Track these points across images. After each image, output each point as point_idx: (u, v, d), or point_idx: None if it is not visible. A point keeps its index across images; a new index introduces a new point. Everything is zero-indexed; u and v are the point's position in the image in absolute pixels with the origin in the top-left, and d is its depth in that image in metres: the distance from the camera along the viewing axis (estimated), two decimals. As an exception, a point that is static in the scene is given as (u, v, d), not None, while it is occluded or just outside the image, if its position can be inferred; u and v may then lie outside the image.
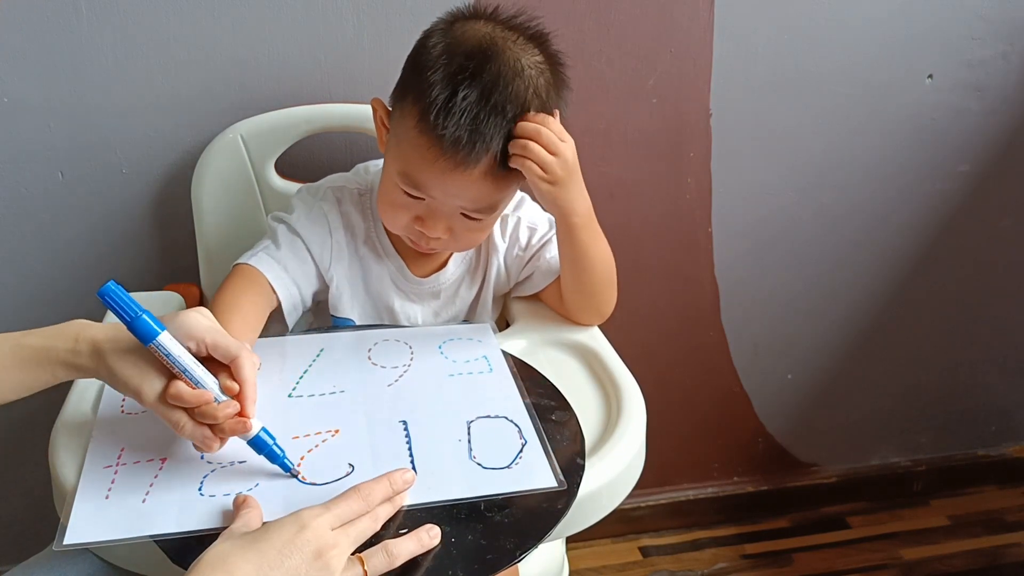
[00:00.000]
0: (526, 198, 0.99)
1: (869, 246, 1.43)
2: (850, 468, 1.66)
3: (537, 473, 0.72)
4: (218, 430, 0.69)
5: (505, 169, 0.82)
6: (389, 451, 0.74)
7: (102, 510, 0.68)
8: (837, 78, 1.27)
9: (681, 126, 1.26)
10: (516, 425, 0.78)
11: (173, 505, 0.68)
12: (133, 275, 1.16)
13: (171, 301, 1.03)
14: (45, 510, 0.84)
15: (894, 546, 1.59)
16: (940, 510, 1.68)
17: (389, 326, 0.95)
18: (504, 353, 0.88)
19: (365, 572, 0.62)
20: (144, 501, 0.68)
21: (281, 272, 0.90)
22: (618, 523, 1.56)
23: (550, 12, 1.14)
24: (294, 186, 1.07)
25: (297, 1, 1.06)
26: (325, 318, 0.97)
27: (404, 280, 0.96)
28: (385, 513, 0.67)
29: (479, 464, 0.73)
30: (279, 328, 0.93)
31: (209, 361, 0.71)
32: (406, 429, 0.77)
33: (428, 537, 0.65)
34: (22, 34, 1.01)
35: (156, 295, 1.05)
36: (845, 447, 1.64)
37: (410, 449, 0.74)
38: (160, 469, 0.72)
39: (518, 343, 0.93)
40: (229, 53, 1.07)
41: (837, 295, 1.47)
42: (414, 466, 0.72)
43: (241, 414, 0.70)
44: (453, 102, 0.78)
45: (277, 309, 0.91)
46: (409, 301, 0.96)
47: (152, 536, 0.66)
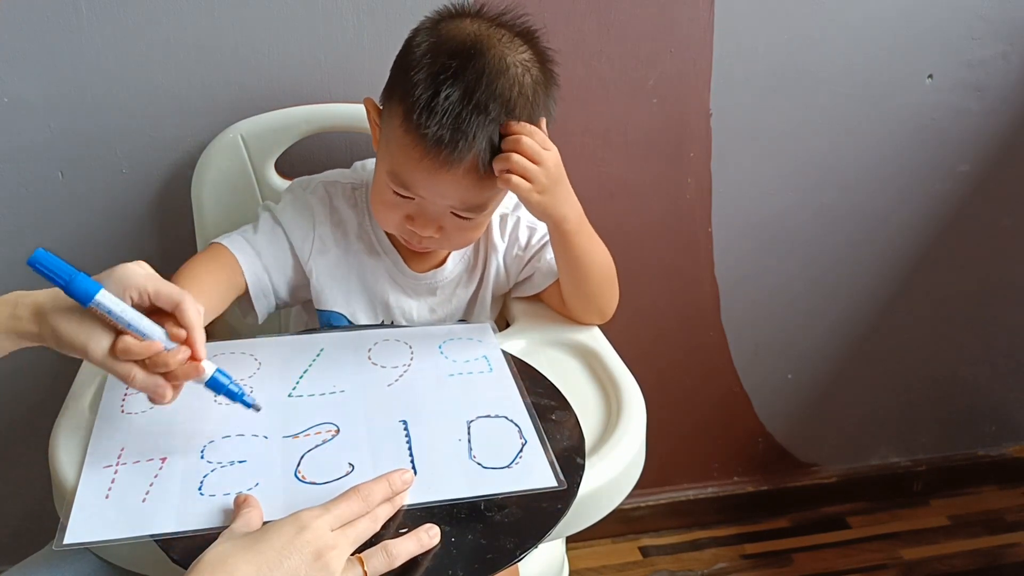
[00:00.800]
0: None
1: (869, 246, 1.43)
2: (850, 468, 1.66)
3: (537, 473, 0.72)
4: (171, 376, 0.69)
5: (492, 171, 0.82)
6: (389, 451, 0.74)
7: (102, 510, 0.68)
8: (837, 78, 1.27)
9: (681, 126, 1.26)
10: (516, 425, 0.78)
11: (173, 505, 0.68)
12: (133, 275, 1.16)
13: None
14: (44, 510, 0.84)
15: (894, 546, 1.59)
16: (940, 510, 1.68)
17: (388, 326, 0.95)
18: (504, 353, 0.88)
19: (365, 573, 0.62)
20: (144, 501, 0.68)
21: (253, 256, 0.90)
22: (618, 523, 1.56)
23: (550, 12, 1.14)
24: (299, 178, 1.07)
25: (297, 1, 1.06)
26: (316, 317, 0.97)
27: (401, 275, 0.96)
28: (385, 513, 0.67)
29: (479, 464, 0.73)
30: (252, 318, 0.93)
31: (153, 312, 0.71)
32: (406, 429, 0.77)
33: (428, 537, 0.65)
34: (22, 34, 1.01)
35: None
36: (845, 447, 1.64)
37: (410, 449, 0.74)
38: (160, 469, 0.72)
39: (518, 343, 0.93)
40: (229, 53, 1.07)
41: (837, 295, 1.47)
42: (414, 466, 0.72)
43: (193, 358, 0.70)
44: (436, 101, 0.78)
45: (247, 296, 0.91)
46: (406, 296, 0.96)
47: (152, 536, 0.66)
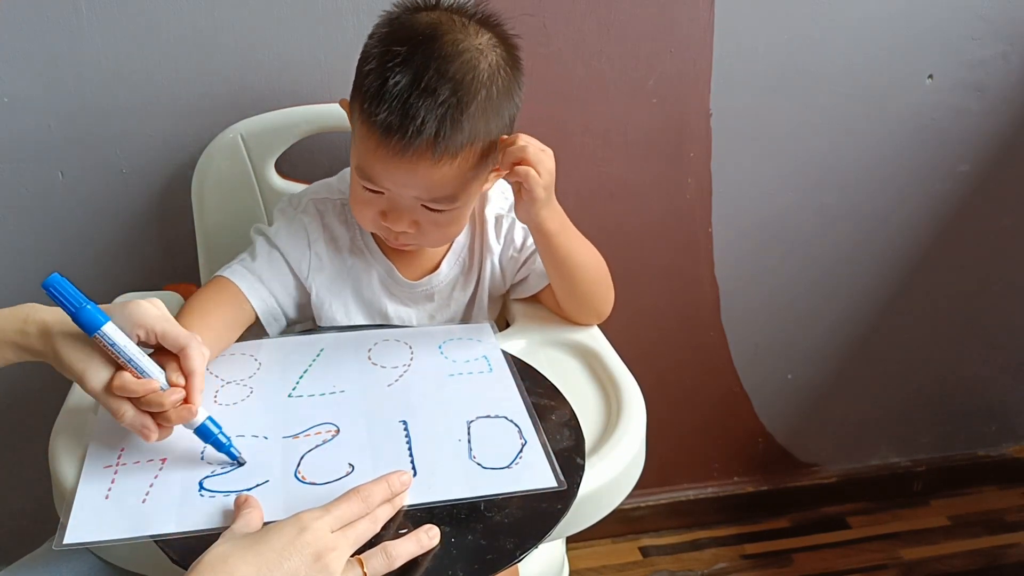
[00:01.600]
0: None
1: (869, 246, 1.43)
2: (850, 468, 1.66)
3: (537, 473, 0.72)
4: (161, 418, 0.70)
5: (451, 156, 0.81)
6: (389, 451, 0.74)
7: (102, 510, 0.68)
8: (837, 78, 1.27)
9: (681, 126, 1.26)
10: (516, 425, 0.78)
11: (173, 505, 0.68)
12: (133, 275, 1.16)
13: (171, 301, 1.03)
14: (44, 509, 0.84)
15: (894, 546, 1.59)
16: (940, 510, 1.68)
17: (389, 326, 0.95)
18: (504, 353, 0.88)
19: (365, 574, 0.62)
20: (144, 501, 0.69)
21: (255, 282, 0.90)
22: (618, 523, 1.56)
23: (550, 12, 1.14)
24: (294, 186, 1.07)
25: (297, 1, 1.06)
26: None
27: (395, 284, 0.95)
28: (385, 515, 0.67)
29: (479, 464, 0.73)
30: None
31: (159, 352, 0.72)
32: (406, 429, 0.77)
33: (427, 538, 0.66)
34: (22, 34, 1.01)
35: (156, 295, 1.05)
36: (845, 447, 1.64)
37: (410, 449, 0.74)
38: (160, 469, 0.72)
39: (518, 343, 0.93)
40: (229, 53, 1.07)
41: (837, 295, 1.47)
42: (414, 466, 0.72)
43: (187, 401, 0.70)
44: (385, 88, 0.79)
45: (258, 322, 0.91)
46: (403, 305, 0.96)
47: (152, 536, 0.66)
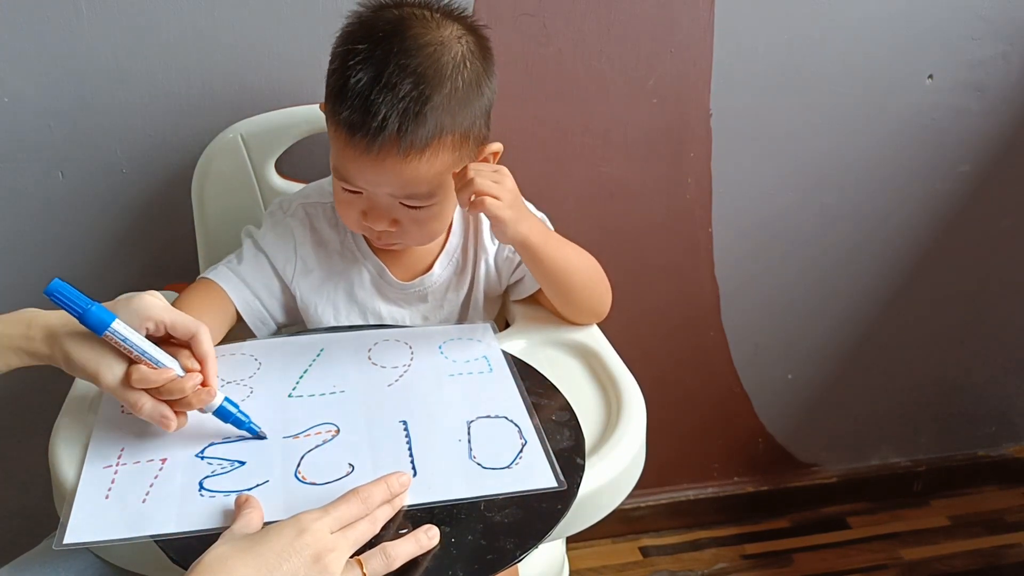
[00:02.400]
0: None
1: (869, 246, 1.43)
2: (850, 468, 1.66)
3: (537, 473, 0.72)
4: (180, 405, 0.71)
5: (418, 151, 0.80)
6: (389, 451, 0.74)
7: (102, 510, 0.68)
8: (837, 78, 1.27)
9: (681, 126, 1.26)
10: (516, 425, 0.78)
11: (173, 505, 0.68)
12: (133, 275, 1.16)
13: (171, 301, 1.03)
14: (43, 509, 0.84)
15: (894, 546, 1.59)
16: (940, 510, 1.68)
17: (389, 326, 0.95)
18: (504, 353, 0.88)
19: (364, 575, 0.62)
20: (144, 501, 0.69)
21: (239, 284, 0.91)
22: (618, 523, 1.56)
23: (550, 12, 1.14)
24: (294, 186, 1.07)
25: (297, 1, 1.06)
26: None
27: (387, 285, 0.95)
28: (384, 516, 0.67)
29: (479, 464, 0.73)
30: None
31: (164, 343, 0.73)
32: (406, 429, 0.77)
33: (427, 538, 0.66)
34: (22, 34, 1.01)
35: (156, 295, 1.05)
36: (845, 447, 1.64)
37: (410, 449, 0.74)
38: (160, 469, 0.72)
39: (518, 343, 0.93)
40: (229, 53, 1.07)
41: (837, 295, 1.47)
42: (414, 466, 0.72)
43: (204, 384, 0.71)
44: (347, 87, 0.79)
45: (245, 325, 0.92)
46: (396, 306, 0.96)
47: (152, 536, 0.66)
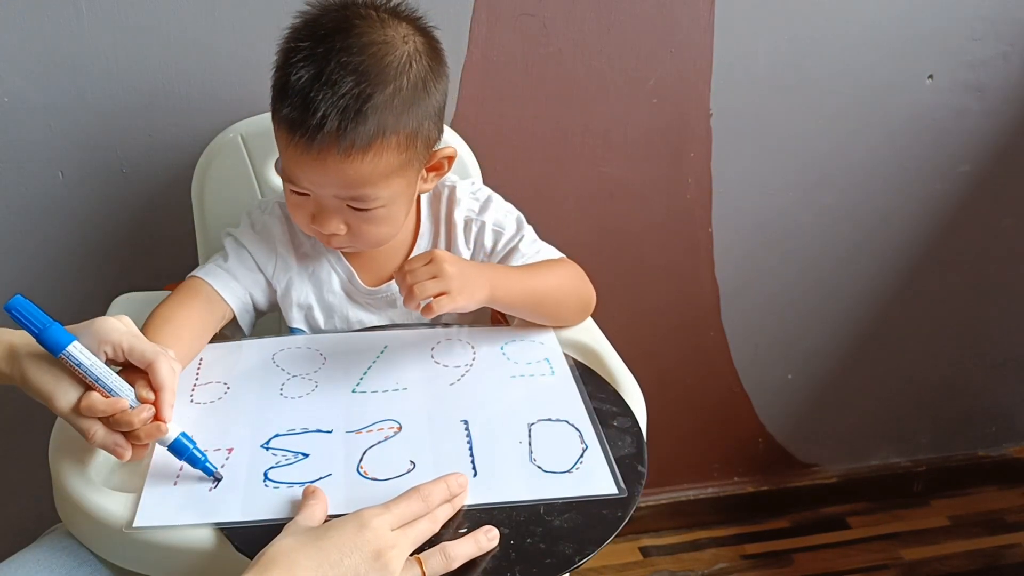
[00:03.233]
0: (493, 199, 0.96)
1: (870, 246, 1.43)
2: (850, 468, 1.66)
3: (597, 479, 0.72)
4: (133, 436, 0.69)
5: (360, 150, 0.79)
6: (450, 450, 0.75)
7: (171, 495, 0.70)
8: (838, 78, 1.27)
9: (681, 126, 1.26)
10: (577, 430, 0.77)
11: (238, 494, 0.70)
12: (133, 275, 1.16)
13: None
14: (44, 510, 0.83)
15: (894, 546, 1.59)
16: (940, 510, 1.68)
17: (447, 325, 0.94)
18: (566, 356, 0.88)
19: (424, 573, 0.63)
20: (211, 489, 0.70)
21: (229, 280, 0.90)
22: (618, 523, 1.56)
23: (550, 12, 1.14)
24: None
25: (298, 1, 1.06)
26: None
27: (355, 290, 0.94)
28: (444, 515, 0.67)
29: (539, 467, 0.73)
30: (240, 335, 0.94)
31: (128, 368, 0.71)
32: (467, 429, 0.77)
33: (486, 540, 0.66)
34: (22, 34, 1.01)
35: (156, 295, 1.04)
36: (845, 447, 1.64)
37: (471, 449, 0.75)
38: (227, 459, 0.73)
39: (518, 343, 0.93)
40: (229, 53, 1.07)
41: (838, 295, 1.47)
42: (474, 466, 0.73)
43: (157, 418, 0.69)
44: (288, 84, 0.78)
45: (234, 320, 0.92)
46: (364, 311, 0.95)
47: (218, 524, 0.67)
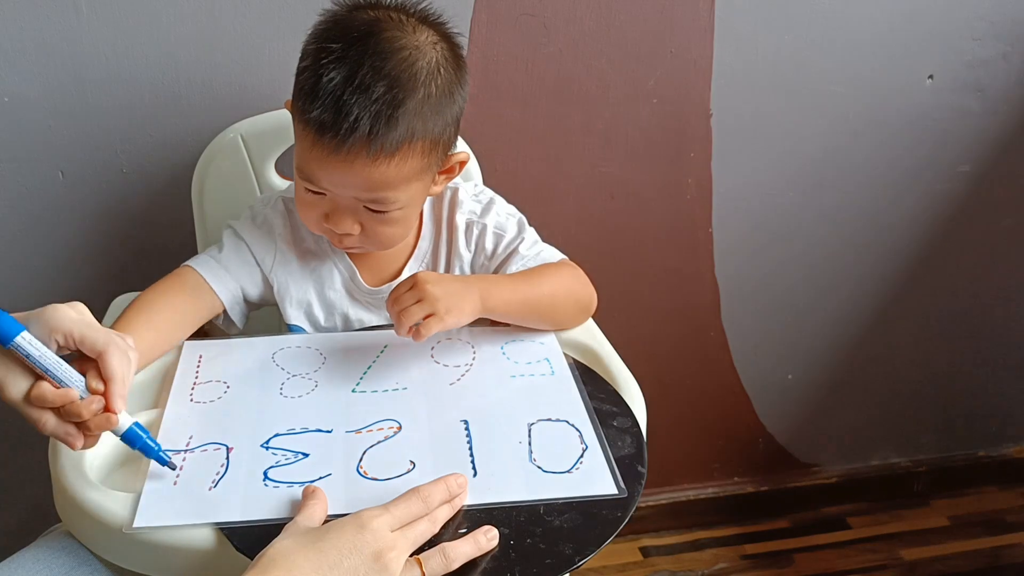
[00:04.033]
0: (495, 201, 0.97)
1: (870, 246, 1.43)
2: (850, 468, 1.66)
3: (597, 479, 0.72)
4: (84, 427, 0.69)
5: (388, 154, 0.79)
6: (450, 450, 0.75)
7: (171, 495, 0.70)
8: (838, 78, 1.27)
9: (681, 126, 1.26)
10: (577, 430, 0.78)
11: (238, 494, 0.70)
12: (133, 275, 1.16)
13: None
14: (44, 510, 0.83)
15: (894, 546, 1.59)
16: (940, 510, 1.68)
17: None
18: (566, 356, 0.88)
19: (423, 574, 0.63)
20: (210, 489, 0.70)
21: (221, 272, 0.91)
22: (618, 523, 1.56)
23: (550, 12, 1.14)
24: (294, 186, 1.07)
25: (298, 1, 1.06)
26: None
27: (357, 289, 0.95)
28: (444, 516, 0.67)
29: (539, 467, 0.73)
30: (233, 329, 0.94)
31: (82, 357, 0.70)
32: (467, 429, 0.77)
33: (485, 540, 0.66)
34: (22, 33, 1.01)
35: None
36: (845, 447, 1.64)
37: (471, 449, 0.75)
38: (227, 458, 0.73)
39: (518, 343, 0.93)
40: (229, 53, 1.07)
41: (838, 295, 1.47)
42: (474, 466, 0.73)
43: (107, 409, 0.69)
44: (319, 85, 0.78)
45: (224, 313, 0.92)
46: (364, 310, 0.95)
47: (218, 524, 0.67)
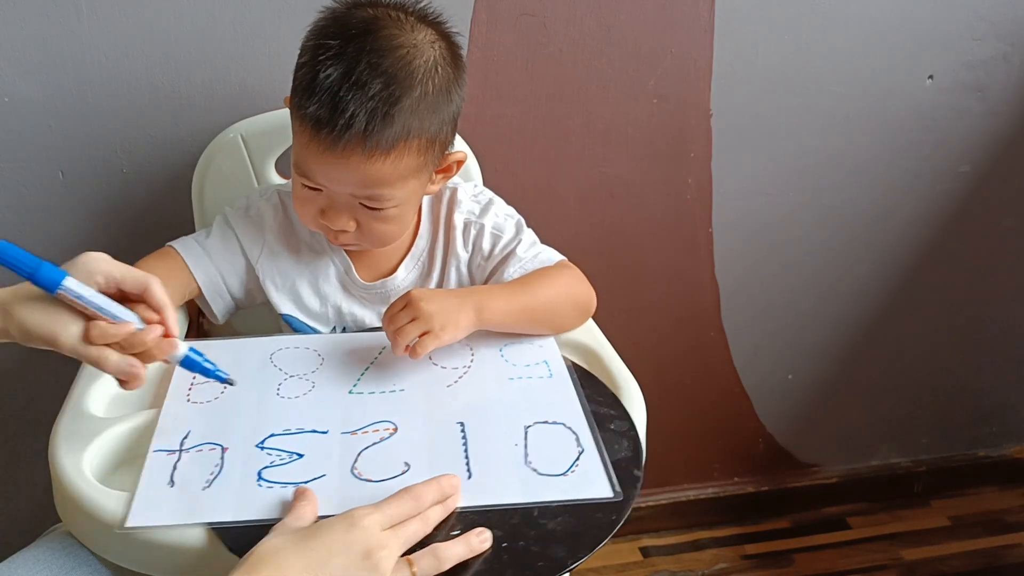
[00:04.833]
0: (494, 201, 0.97)
1: (870, 247, 1.43)
2: (850, 468, 1.66)
3: (593, 482, 0.71)
4: (143, 358, 0.69)
5: (384, 151, 0.80)
6: (445, 452, 0.74)
7: (165, 495, 0.69)
8: (838, 78, 1.27)
9: (681, 126, 1.26)
10: (574, 432, 0.77)
11: (232, 494, 0.69)
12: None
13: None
14: (45, 511, 0.83)
15: (894, 547, 1.59)
16: (940, 511, 1.68)
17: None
18: (564, 359, 0.88)
19: (414, 574, 0.62)
20: (205, 489, 0.70)
21: (202, 256, 0.91)
22: (618, 523, 1.56)
23: (550, 12, 1.14)
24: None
25: (298, 1, 1.06)
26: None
27: (351, 283, 0.95)
28: (436, 516, 0.66)
29: (535, 470, 0.72)
30: (213, 319, 0.95)
31: (117, 300, 0.71)
32: (463, 431, 0.77)
33: (478, 541, 0.65)
34: (22, 33, 1.01)
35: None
36: (845, 447, 1.64)
37: (466, 451, 0.74)
38: (222, 458, 0.73)
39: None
40: (229, 53, 1.07)
41: (838, 295, 1.47)
42: (469, 468, 0.72)
43: (166, 335, 0.70)
44: (316, 81, 0.79)
45: (202, 297, 0.92)
46: (358, 304, 0.95)
47: (211, 524, 0.67)
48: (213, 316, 0.94)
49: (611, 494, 0.70)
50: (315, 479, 0.71)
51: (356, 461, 0.73)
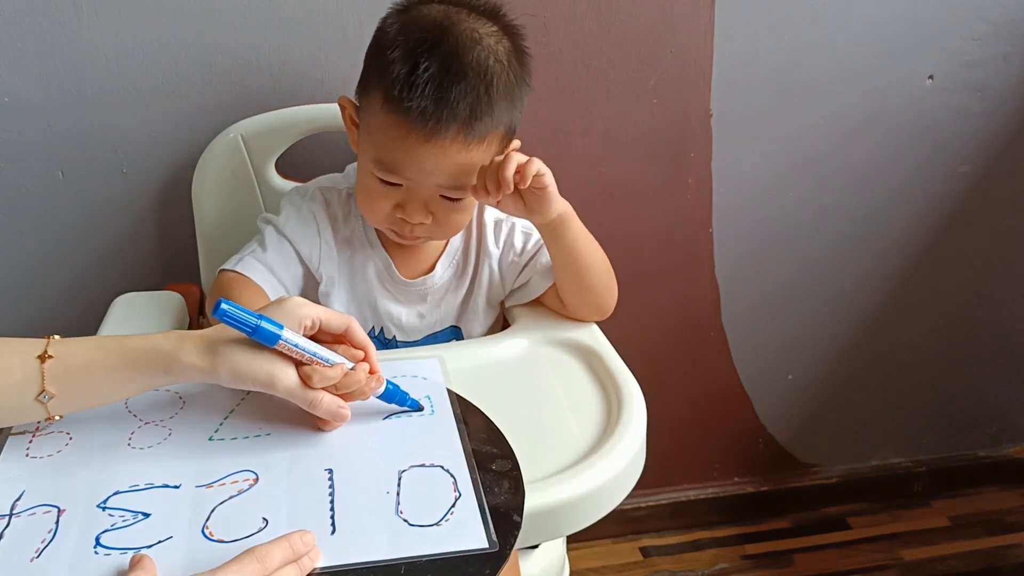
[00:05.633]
0: None
1: (870, 246, 1.43)
2: (850, 468, 1.66)
3: (467, 532, 0.65)
4: (350, 397, 0.72)
5: (479, 140, 0.83)
6: (308, 504, 0.67)
7: None
8: (838, 78, 1.27)
9: (682, 126, 1.26)
10: (452, 476, 0.71)
11: (64, 564, 0.62)
12: (133, 275, 1.16)
13: (171, 301, 1.03)
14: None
15: (894, 547, 1.59)
16: (940, 511, 1.68)
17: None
18: (450, 393, 0.81)
19: None
20: (33, 560, 0.62)
21: (268, 275, 0.90)
22: (618, 523, 1.56)
23: (550, 12, 1.14)
24: (294, 186, 1.07)
25: (297, 1, 1.06)
26: None
27: (391, 280, 0.96)
28: None
29: (405, 520, 0.66)
30: None
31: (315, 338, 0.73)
32: (331, 478, 0.70)
33: None
34: (22, 33, 1.01)
35: (156, 295, 1.05)
36: (845, 447, 1.64)
37: (332, 502, 0.68)
38: (56, 522, 0.65)
39: (519, 343, 0.93)
40: (229, 53, 1.07)
41: (838, 295, 1.47)
42: (333, 522, 0.66)
43: (371, 372, 0.73)
44: (415, 75, 0.80)
45: None
46: (395, 302, 0.96)
47: None
48: None
49: (486, 544, 0.64)
50: (160, 542, 0.63)
51: (208, 519, 0.66)
